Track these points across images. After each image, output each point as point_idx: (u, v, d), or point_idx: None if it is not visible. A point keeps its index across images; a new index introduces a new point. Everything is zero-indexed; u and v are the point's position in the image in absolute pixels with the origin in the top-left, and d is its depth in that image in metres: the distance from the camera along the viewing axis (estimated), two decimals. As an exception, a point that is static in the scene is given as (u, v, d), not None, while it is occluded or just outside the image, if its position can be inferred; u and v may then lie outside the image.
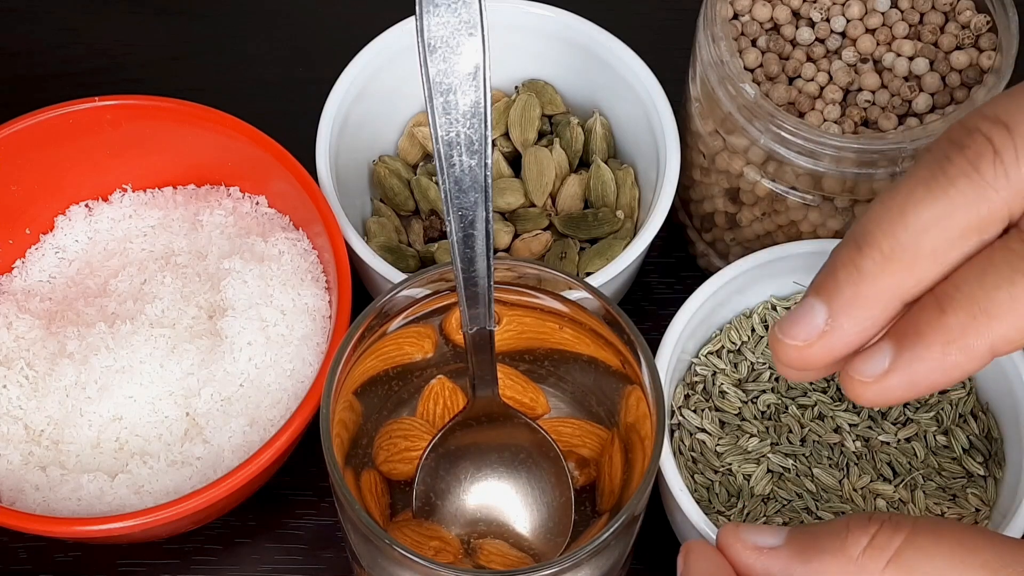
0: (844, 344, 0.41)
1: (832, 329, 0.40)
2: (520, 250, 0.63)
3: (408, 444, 0.52)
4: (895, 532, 0.42)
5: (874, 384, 0.40)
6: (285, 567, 0.61)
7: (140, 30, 0.75)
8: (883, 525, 0.42)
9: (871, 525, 0.42)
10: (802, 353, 0.41)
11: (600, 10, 0.66)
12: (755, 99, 0.57)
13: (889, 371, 0.40)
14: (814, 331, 0.40)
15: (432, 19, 0.44)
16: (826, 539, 0.43)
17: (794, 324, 0.41)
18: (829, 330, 0.40)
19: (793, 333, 0.41)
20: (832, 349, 0.41)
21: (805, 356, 0.41)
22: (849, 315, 0.40)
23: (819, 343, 0.40)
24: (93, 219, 0.64)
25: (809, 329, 0.41)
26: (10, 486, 0.56)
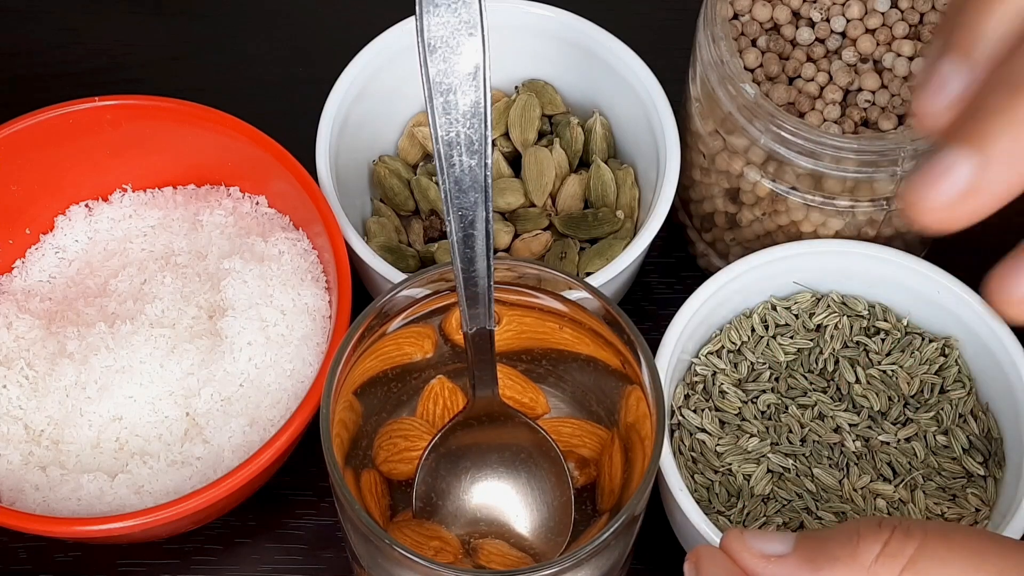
0: (993, 203, 0.36)
1: (982, 185, 0.35)
2: (520, 250, 0.63)
3: (408, 444, 0.52)
4: (907, 539, 0.41)
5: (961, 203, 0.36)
6: (285, 567, 0.61)
7: (140, 30, 0.75)
8: (895, 532, 0.41)
9: (882, 532, 0.41)
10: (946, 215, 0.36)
11: (600, 10, 0.66)
12: (755, 99, 0.57)
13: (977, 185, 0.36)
14: (960, 188, 0.35)
15: (432, 19, 0.44)
16: (836, 546, 0.42)
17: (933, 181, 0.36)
18: (979, 186, 0.35)
19: (935, 192, 0.36)
20: (980, 208, 0.36)
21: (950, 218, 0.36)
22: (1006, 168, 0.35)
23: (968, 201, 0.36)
24: (93, 219, 0.64)
25: (954, 187, 0.35)
26: (10, 486, 0.56)
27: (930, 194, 0.36)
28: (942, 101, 0.37)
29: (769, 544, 0.43)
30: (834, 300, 0.60)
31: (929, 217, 0.36)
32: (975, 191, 0.35)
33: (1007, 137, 0.35)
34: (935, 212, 0.36)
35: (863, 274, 0.60)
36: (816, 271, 0.60)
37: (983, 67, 0.37)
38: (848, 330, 0.59)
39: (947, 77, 0.37)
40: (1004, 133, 0.35)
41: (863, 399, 0.58)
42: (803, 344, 0.59)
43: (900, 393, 0.58)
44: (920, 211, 0.36)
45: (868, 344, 0.59)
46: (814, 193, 0.58)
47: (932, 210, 0.36)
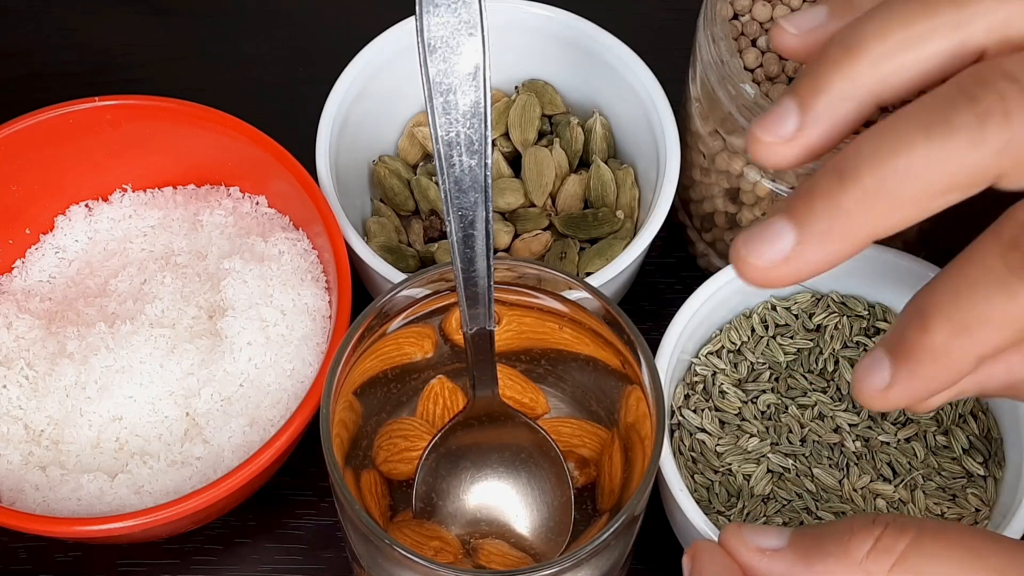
0: (806, 272, 0.40)
1: (797, 256, 0.40)
2: (520, 250, 0.63)
3: (408, 444, 0.52)
4: (900, 535, 0.42)
5: (880, 398, 0.41)
6: (285, 567, 0.61)
7: (140, 30, 0.75)
8: (887, 527, 0.42)
9: (875, 527, 0.42)
10: (762, 274, 0.40)
11: (600, 10, 0.66)
12: (755, 99, 0.57)
13: (891, 386, 0.40)
14: (779, 255, 0.40)
15: (432, 19, 0.45)
16: (830, 541, 0.43)
17: (760, 243, 0.40)
18: (794, 257, 0.40)
19: (758, 252, 0.40)
20: (793, 275, 0.40)
21: (765, 277, 0.40)
22: (819, 247, 0.40)
23: (782, 267, 0.40)
24: (93, 219, 0.64)
25: (774, 252, 0.40)
26: (10, 486, 0.56)
27: (753, 254, 0.40)
28: (772, 134, 0.42)
29: (765, 538, 0.44)
30: (834, 300, 0.60)
31: (750, 274, 0.41)
32: (791, 260, 0.40)
33: (824, 220, 0.39)
34: (755, 271, 0.40)
35: (863, 274, 0.60)
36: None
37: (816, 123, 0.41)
38: (848, 330, 0.60)
39: (783, 115, 0.41)
40: (823, 216, 0.39)
41: (863, 399, 0.58)
42: (803, 344, 0.59)
43: (900, 393, 0.58)
44: (743, 266, 0.41)
45: (868, 344, 0.59)
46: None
47: (753, 268, 0.40)
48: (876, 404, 0.41)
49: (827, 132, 0.41)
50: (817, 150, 0.42)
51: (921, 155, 0.38)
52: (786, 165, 0.42)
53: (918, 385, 0.40)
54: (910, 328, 0.40)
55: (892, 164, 0.38)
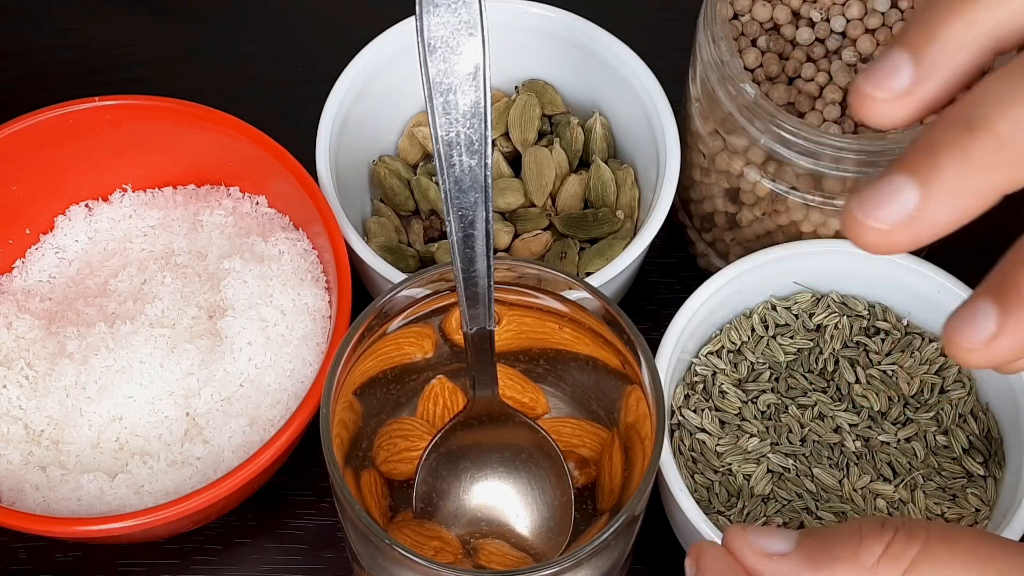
0: (932, 233, 0.36)
1: (923, 215, 0.36)
2: (520, 250, 0.63)
3: (408, 444, 0.52)
4: (910, 541, 0.41)
5: (983, 350, 0.37)
6: (285, 567, 0.61)
7: (140, 30, 0.75)
8: (898, 533, 0.41)
9: (885, 533, 0.41)
10: (885, 237, 0.36)
11: (600, 10, 0.66)
12: (755, 99, 0.57)
13: (997, 335, 0.37)
14: (901, 214, 0.36)
15: (432, 19, 0.44)
16: (838, 546, 0.42)
17: (879, 204, 0.36)
18: (919, 216, 0.36)
19: (877, 214, 0.36)
20: (918, 237, 0.36)
21: (887, 241, 0.36)
22: (947, 203, 0.36)
23: (906, 229, 0.36)
24: (93, 219, 0.64)
25: (896, 212, 0.36)
26: (10, 486, 0.56)
27: (872, 215, 0.36)
28: (884, 90, 0.38)
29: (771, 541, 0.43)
30: (834, 300, 0.60)
31: (867, 238, 0.37)
32: (914, 220, 0.36)
33: (952, 174, 0.36)
34: (874, 234, 0.37)
35: (863, 274, 0.60)
36: (816, 271, 0.60)
37: (933, 75, 0.38)
38: (848, 330, 0.60)
39: (895, 67, 0.38)
40: (950, 169, 0.36)
41: (863, 399, 0.58)
42: (803, 344, 0.59)
43: (900, 393, 0.58)
44: (860, 229, 0.37)
45: (868, 344, 0.59)
46: (814, 193, 0.58)
47: (872, 231, 0.37)
48: (977, 358, 0.37)
49: (945, 84, 0.38)
50: (934, 105, 0.38)
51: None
52: (900, 123, 0.38)
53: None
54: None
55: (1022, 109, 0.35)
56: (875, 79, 0.38)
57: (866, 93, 0.38)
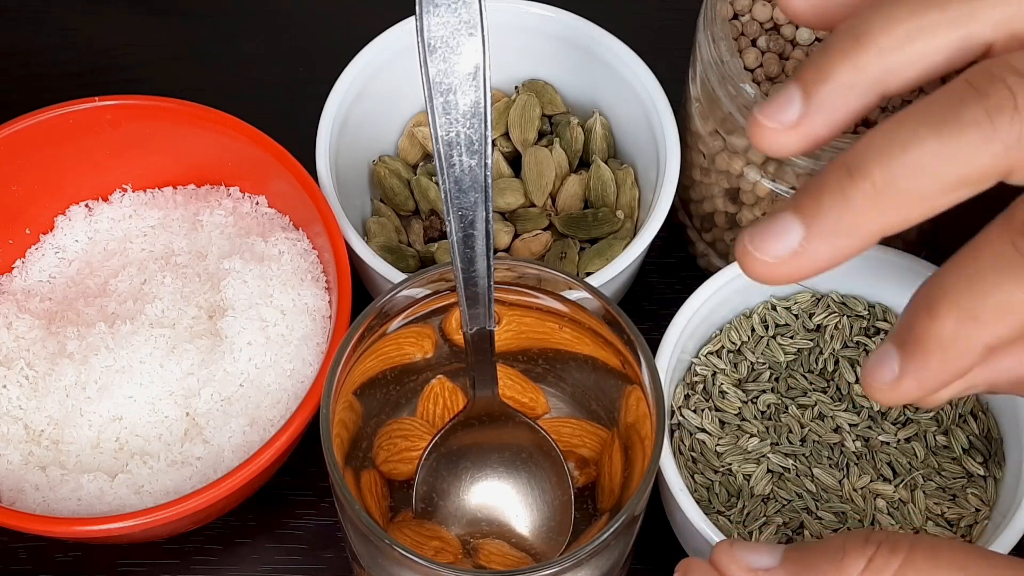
0: (813, 269, 0.40)
1: (805, 252, 0.39)
2: (520, 250, 0.63)
3: (408, 444, 0.52)
4: (892, 554, 0.41)
5: (890, 391, 0.40)
6: (285, 567, 0.61)
7: (140, 30, 0.75)
8: (880, 547, 0.41)
9: (868, 547, 0.42)
10: (769, 270, 0.40)
11: (600, 10, 0.66)
12: (755, 99, 0.57)
13: (900, 378, 0.40)
14: (786, 250, 0.39)
15: (432, 19, 0.44)
16: (823, 560, 0.42)
17: (766, 238, 0.40)
18: (801, 252, 0.39)
19: (764, 248, 0.40)
20: (800, 271, 0.40)
21: (772, 273, 0.40)
22: (827, 242, 0.39)
23: (789, 263, 0.40)
24: (93, 219, 0.64)
25: (782, 247, 0.39)
26: (10, 486, 0.56)
27: (759, 248, 0.40)
28: (777, 120, 0.41)
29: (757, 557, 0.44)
30: (834, 300, 0.60)
31: (756, 269, 0.40)
32: (797, 255, 0.39)
33: (833, 215, 0.39)
34: (760, 265, 0.40)
35: (863, 274, 0.60)
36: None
37: (820, 112, 0.41)
38: (848, 330, 0.60)
39: (787, 101, 0.41)
40: (832, 211, 0.39)
41: (863, 399, 0.58)
42: (803, 344, 0.59)
43: (900, 393, 0.58)
44: (749, 260, 0.40)
45: (868, 344, 0.59)
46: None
47: (760, 263, 0.40)
48: (886, 398, 0.41)
49: (830, 121, 0.41)
50: (819, 139, 0.41)
51: (931, 150, 0.38)
52: (786, 153, 0.42)
53: (927, 376, 0.40)
54: (918, 318, 0.39)
55: (902, 159, 0.38)
56: (767, 110, 0.41)
57: (758, 121, 0.41)
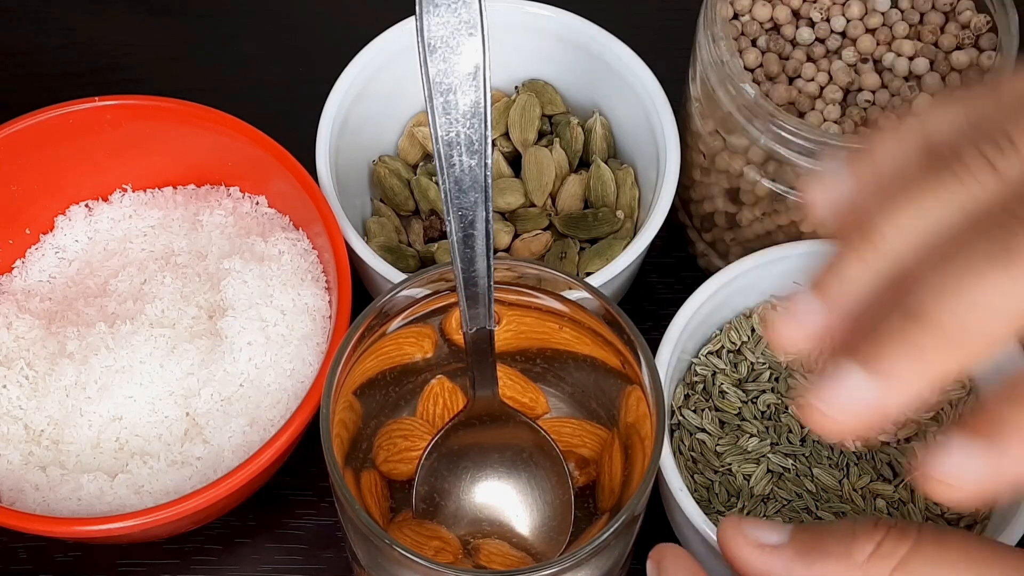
0: (882, 419, 0.38)
1: (878, 405, 0.37)
2: (520, 250, 0.63)
3: (408, 444, 0.52)
4: (901, 540, 0.42)
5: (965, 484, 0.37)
6: (285, 567, 0.61)
7: (140, 30, 0.75)
8: (889, 532, 0.42)
9: (877, 531, 0.42)
10: (839, 425, 0.38)
11: (600, 10, 0.66)
12: (755, 99, 0.57)
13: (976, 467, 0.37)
14: (858, 406, 0.37)
15: (432, 19, 0.44)
16: (831, 542, 0.42)
17: (835, 396, 0.37)
18: (877, 405, 0.37)
19: (835, 406, 0.37)
20: (871, 423, 0.38)
21: (841, 428, 0.38)
22: (901, 393, 0.37)
23: (861, 417, 0.37)
24: (93, 219, 0.64)
25: (853, 404, 0.37)
26: (10, 486, 0.56)
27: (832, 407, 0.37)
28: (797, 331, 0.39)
29: (764, 533, 0.44)
30: (834, 300, 0.60)
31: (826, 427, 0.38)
32: (875, 409, 0.37)
33: (902, 365, 0.37)
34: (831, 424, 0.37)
35: (863, 274, 0.60)
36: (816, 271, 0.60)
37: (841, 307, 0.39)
38: (848, 330, 0.59)
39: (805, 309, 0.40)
40: (899, 360, 0.37)
41: (863, 399, 0.58)
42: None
43: (900, 393, 0.58)
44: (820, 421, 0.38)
45: (868, 344, 0.59)
46: (814, 193, 0.58)
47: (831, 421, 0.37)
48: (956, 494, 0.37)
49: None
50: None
51: (997, 287, 0.36)
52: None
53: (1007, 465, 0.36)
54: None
55: (969, 299, 0.36)
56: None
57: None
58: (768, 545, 0.43)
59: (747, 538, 0.44)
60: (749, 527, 0.44)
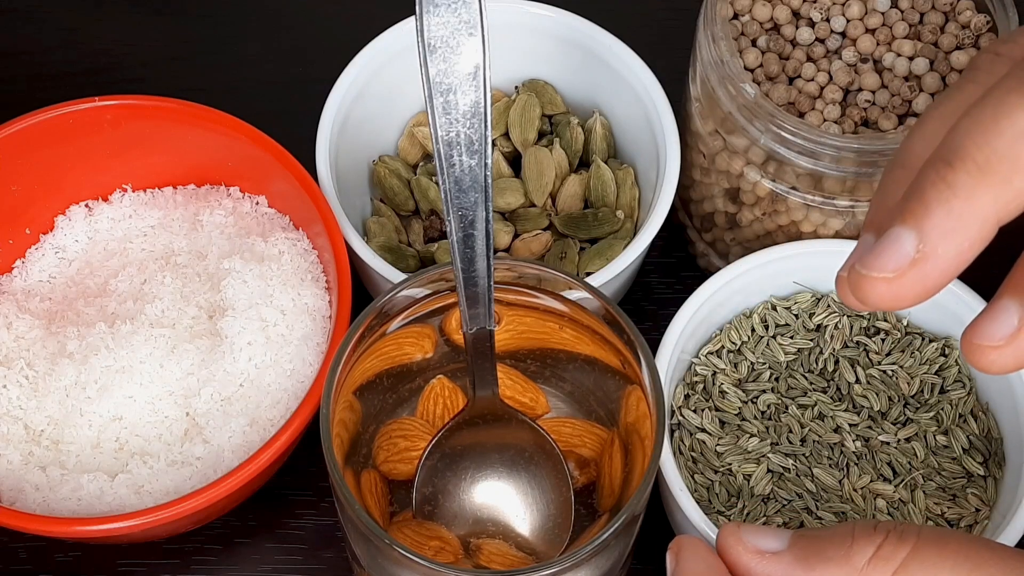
0: (939, 273, 0.36)
1: (925, 256, 0.36)
2: (520, 250, 0.63)
3: (408, 444, 0.52)
4: (900, 543, 0.41)
5: (1006, 347, 0.37)
6: (285, 567, 0.61)
7: (140, 30, 0.75)
8: (888, 535, 0.42)
9: (876, 535, 0.42)
10: (892, 286, 0.37)
11: (600, 10, 0.66)
12: (755, 99, 0.57)
13: (1020, 330, 0.36)
14: (904, 260, 0.36)
15: (432, 19, 0.44)
16: (830, 546, 0.42)
17: (880, 255, 0.36)
18: (922, 257, 0.36)
19: (880, 264, 0.36)
20: (926, 279, 0.36)
21: (896, 289, 0.37)
22: (944, 238, 0.36)
23: (912, 273, 0.36)
24: (93, 219, 0.64)
25: (899, 258, 0.36)
26: (10, 486, 0.56)
27: (875, 267, 0.37)
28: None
29: (764, 539, 0.44)
30: (834, 300, 0.60)
31: (875, 290, 0.37)
32: (918, 262, 0.36)
33: (943, 209, 0.36)
34: (881, 284, 0.37)
35: (863, 274, 0.60)
36: (816, 271, 0.60)
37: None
38: (848, 330, 0.60)
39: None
40: (940, 205, 0.36)
41: (863, 399, 0.58)
42: (803, 344, 0.59)
43: (900, 393, 0.58)
44: (867, 285, 0.37)
45: (868, 344, 0.59)
46: (814, 193, 0.58)
47: (878, 282, 0.37)
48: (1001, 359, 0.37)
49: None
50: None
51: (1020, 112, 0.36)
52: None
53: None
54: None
55: (997, 131, 0.36)
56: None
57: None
58: (768, 552, 0.43)
59: (746, 545, 0.44)
60: (748, 534, 0.44)
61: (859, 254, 0.37)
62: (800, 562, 0.43)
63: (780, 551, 0.43)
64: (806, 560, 0.43)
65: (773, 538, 0.44)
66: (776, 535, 0.44)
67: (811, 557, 0.42)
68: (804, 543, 0.43)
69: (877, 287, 0.37)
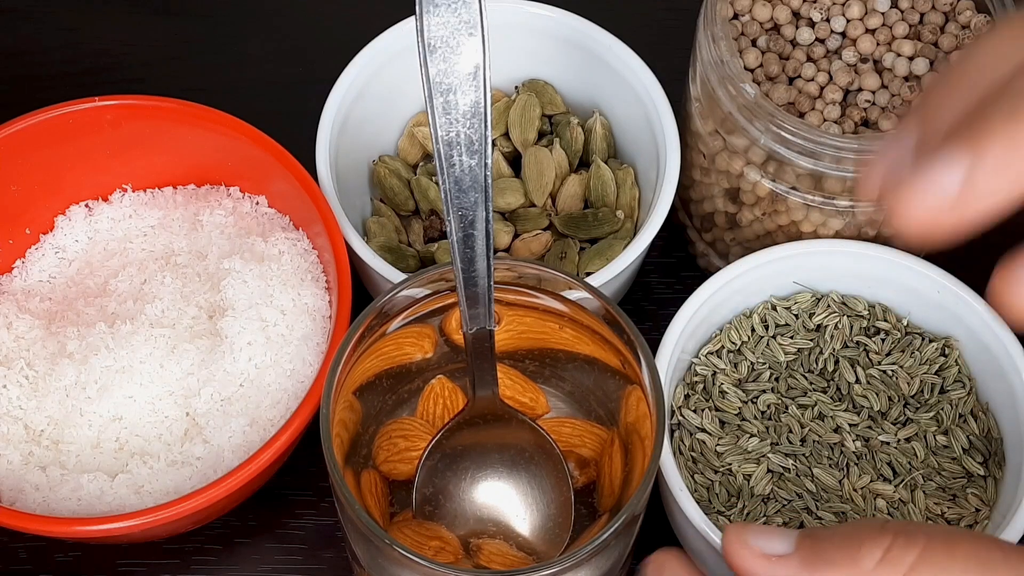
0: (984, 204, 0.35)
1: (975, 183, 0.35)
2: (520, 250, 0.63)
3: (408, 444, 0.52)
4: (909, 545, 0.41)
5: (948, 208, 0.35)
6: (285, 567, 0.61)
7: (140, 30, 0.75)
8: (897, 537, 0.41)
9: (884, 537, 0.41)
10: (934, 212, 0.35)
11: (600, 10, 0.66)
12: (755, 99, 0.57)
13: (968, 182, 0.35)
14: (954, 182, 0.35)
15: (432, 19, 0.44)
16: (837, 550, 0.42)
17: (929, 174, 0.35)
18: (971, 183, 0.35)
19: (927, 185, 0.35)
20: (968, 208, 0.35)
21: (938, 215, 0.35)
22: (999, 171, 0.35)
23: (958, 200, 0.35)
24: (93, 219, 0.64)
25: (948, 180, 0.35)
26: (10, 486, 0.56)
27: (922, 188, 0.35)
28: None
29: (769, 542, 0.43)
30: (834, 300, 0.60)
31: (916, 220, 0.36)
32: (965, 192, 0.35)
33: (1003, 141, 0.35)
34: (922, 214, 0.35)
35: (863, 274, 0.60)
36: (816, 271, 0.60)
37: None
38: (848, 330, 0.60)
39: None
40: (1001, 136, 0.35)
41: (863, 399, 0.58)
42: (803, 344, 0.59)
43: (900, 393, 0.58)
44: (907, 212, 0.36)
45: (868, 344, 0.59)
46: (814, 193, 0.58)
47: (920, 210, 0.35)
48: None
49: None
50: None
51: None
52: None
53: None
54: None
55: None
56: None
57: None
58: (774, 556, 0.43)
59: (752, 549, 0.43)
60: (753, 537, 0.43)
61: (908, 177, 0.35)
62: (807, 566, 0.42)
63: (786, 554, 0.43)
64: (813, 564, 0.42)
65: (779, 540, 0.43)
66: (781, 536, 0.43)
67: (818, 561, 0.42)
68: (810, 545, 0.42)
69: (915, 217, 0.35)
